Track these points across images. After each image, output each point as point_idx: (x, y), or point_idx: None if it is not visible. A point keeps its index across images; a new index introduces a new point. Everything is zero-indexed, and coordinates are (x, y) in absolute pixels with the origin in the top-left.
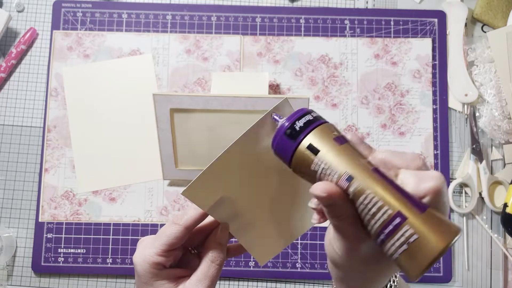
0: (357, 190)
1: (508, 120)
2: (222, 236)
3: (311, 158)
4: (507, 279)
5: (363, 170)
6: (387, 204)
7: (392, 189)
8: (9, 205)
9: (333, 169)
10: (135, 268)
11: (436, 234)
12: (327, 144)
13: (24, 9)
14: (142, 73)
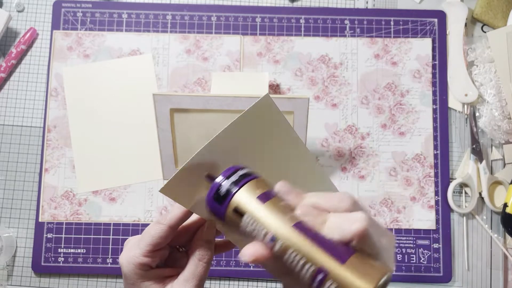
0: (281, 249)
1: (508, 120)
2: (208, 233)
3: (239, 220)
4: (507, 279)
5: (285, 227)
6: (309, 260)
7: (313, 244)
8: (9, 205)
9: (258, 229)
10: (122, 269)
11: (360, 280)
12: (251, 205)
13: (24, 9)
14: (142, 73)
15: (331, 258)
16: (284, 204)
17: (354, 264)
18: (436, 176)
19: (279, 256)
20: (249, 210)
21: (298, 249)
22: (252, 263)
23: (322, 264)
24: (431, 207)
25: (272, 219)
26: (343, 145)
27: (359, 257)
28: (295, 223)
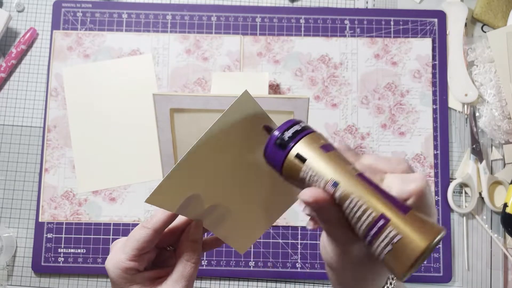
0: (343, 195)
1: (508, 120)
2: (195, 232)
3: (300, 166)
4: (507, 279)
5: (348, 175)
6: (371, 207)
7: (376, 192)
8: (9, 205)
9: (320, 175)
10: (108, 274)
11: (418, 234)
12: (314, 153)
13: (24, 9)
14: (142, 73)
15: (393, 208)
16: (344, 158)
17: (414, 217)
18: (436, 176)
19: (339, 202)
20: (312, 156)
21: (361, 195)
22: (311, 205)
23: (384, 211)
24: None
25: (335, 166)
26: None
27: (417, 213)
28: (358, 173)
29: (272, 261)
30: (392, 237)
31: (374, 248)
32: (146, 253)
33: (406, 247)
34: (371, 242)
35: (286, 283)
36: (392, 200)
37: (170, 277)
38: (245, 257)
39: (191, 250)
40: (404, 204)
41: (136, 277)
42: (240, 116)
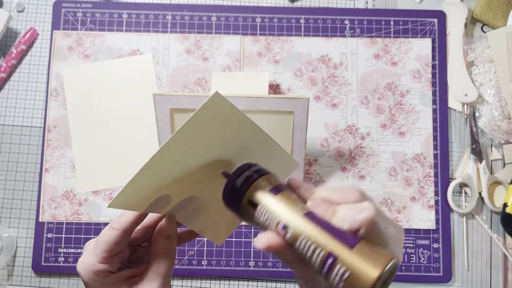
0: (292, 237)
1: (508, 120)
2: (168, 228)
3: (253, 211)
4: (507, 279)
5: (296, 217)
6: (319, 246)
7: (323, 230)
8: (9, 205)
9: (271, 219)
10: (80, 277)
11: (367, 265)
12: (264, 197)
13: (24, 9)
14: (142, 73)
15: (340, 244)
16: (295, 197)
17: (363, 249)
18: (436, 176)
19: (291, 243)
20: (262, 201)
21: (309, 236)
22: (266, 251)
23: (332, 249)
24: (431, 207)
25: (284, 209)
26: (343, 145)
27: (367, 244)
28: (306, 213)
29: (272, 261)
30: (342, 274)
31: (331, 284)
32: (117, 253)
33: (357, 280)
34: (327, 279)
35: (286, 283)
36: (340, 235)
37: (145, 276)
38: (245, 257)
39: (165, 246)
40: (353, 237)
41: (109, 278)
42: (212, 116)
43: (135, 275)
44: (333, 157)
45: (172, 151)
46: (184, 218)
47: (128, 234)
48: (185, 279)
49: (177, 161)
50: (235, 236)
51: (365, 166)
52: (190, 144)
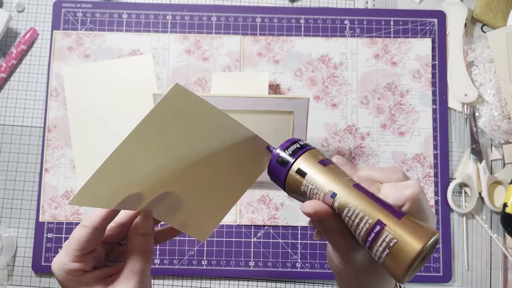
0: (341, 205)
1: (507, 120)
2: (144, 225)
3: (301, 180)
4: (506, 279)
5: (345, 186)
6: (367, 214)
7: (371, 201)
8: (9, 205)
9: (319, 188)
10: (55, 277)
11: (413, 237)
12: (313, 167)
13: (25, 9)
14: (142, 73)
15: (388, 214)
16: (341, 171)
17: (408, 222)
18: (436, 176)
19: (338, 211)
20: (311, 170)
21: (357, 204)
22: (312, 217)
23: (380, 217)
24: (431, 207)
25: (333, 179)
26: (343, 145)
27: (411, 218)
28: (354, 184)
29: (272, 261)
30: (389, 241)
31: (374, 253)
32: (91, 252)
33: (402, 250)
34: (370, 248)
35: (286, 283)
36: (387, 207)
37: (121, 274)
38: (245, 257)
39: (140, 244)
40: (399, 210)
41: (84, 278)
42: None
43: (113, 274)
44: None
45: (132, 146)
46: (162, 215)
47: (100, 232)
48: (185, 279)
49: (142, 156)
50: (235, 236)
51: (365, 166)
52: (155, 139)
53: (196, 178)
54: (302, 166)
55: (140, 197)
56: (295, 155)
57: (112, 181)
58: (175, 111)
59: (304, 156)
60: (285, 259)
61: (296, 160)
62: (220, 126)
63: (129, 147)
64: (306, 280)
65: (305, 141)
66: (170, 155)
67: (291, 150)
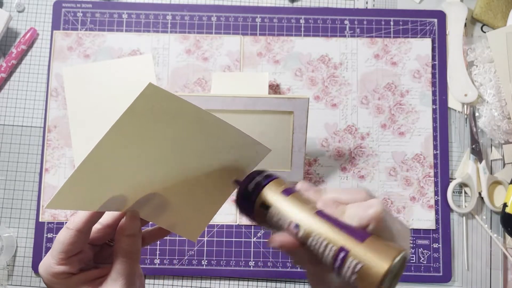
0: (305, 235)
1: (507, 120)
2: (130, 226)
3: (266, 213)
4: (506, 279)
5: (307, 215)
6: (331, 242)
7: (334, 227)
8: (9, 205)
9: (284, 220)
10: (42, 280)
11: (378, 258)
12: (276, 199)
13: (25, 9)
14: (142, 73)
15: (351, 238)
16: (305, 198)
17: (373, 243)
18: (436, 176)
19: (303, 241)
20: (274, 202)
21: (320, 233)
22: (279, 250)
23: (343, 243)
24: (431, 207)
25: (295, 209)
26: (343, 145)
27: (376, 238)
28: (316, 211)
29: (272, 261)
30: (354, 266)
31: (344, 278)
32: (77, 254)
33: (369, 272)
34: (339, 273)
35: (286, 283)
36: (350, 231)
37: (108, 276)
38: (245, 257)
39: (127, 245)
40: (363, 232)
41: (70, 280)
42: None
43: (101, 276)
44: (333, 157)
45: (108, 147)
46: (149, 215)
47: (84, 234)
48: (185, 279)
49: (121, 157)
50: (235, 236)
51: (365, 166)
52: (133, 139)
53: (181, 178)
54: (265, 199)
55: (123, 199)
56: (258, 189)
57: (91, 183)
58: (152, 111)
59: (267, 189)
60: (285, 259)
61: (260, 193)
62: (203, 125)
63: (106, 148)
64: (306, 280)
65: (268, 171)
66: (151, 156)
67: (254, 184)
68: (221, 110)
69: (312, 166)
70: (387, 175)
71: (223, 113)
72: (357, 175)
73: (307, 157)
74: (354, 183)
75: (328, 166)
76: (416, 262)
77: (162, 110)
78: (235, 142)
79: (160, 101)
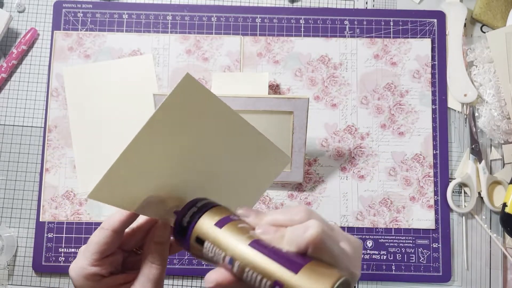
0: (240, 270)
1: (507, 120)
2: (161, 234)
3: (201, 249)
4: (506, 279)
5: (241, 248)
6: (265, 276)
7: (268, 259)
8: (10, 205)
9: (218, 254)
10: (72, 282)
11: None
12: (209, 233)
13: (25, 9)
14: (143, 74)
15: (285, 270)
16: (242, 226)
17: (308, 272)
18: (436, 176)
19: (239, 276)
20: (208, 236)
21: (254, 266)
22: None
23: (277, 277)
24: (431, 207)
25: (229, 242)
26: (343, 145)
27: (314, 265)
28: (251, 242)
29: None
30: None
31: None
32: (109, 256)
33: None
34: None
35: None
36: (285, 261)
37: (136, 281)
38: None
39: (156, 253)
40: (300, 259)
41: (101, 283)
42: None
43: (128, 281)
44: (333, 157)
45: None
46: None
47: (119, 234)
48: (185, 279)
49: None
50: None
51: (365, 166)
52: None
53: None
54: (199, 233)
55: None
56: (192, 222)
57: (127, 179)
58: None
59: (201, 222)
60: None
61: (193, 228)
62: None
63: (142, 144)
64: None
65: (206, 199)
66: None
67: (188, 217)
68: None
69: (312, 166)
70: (387, 175)
71: None
72: (357, 175)
73: (307, 157)
74: (353, 183)
75: (328, 166)
76: (415, 262)
77: (196, 104)
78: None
79: (195, 94)
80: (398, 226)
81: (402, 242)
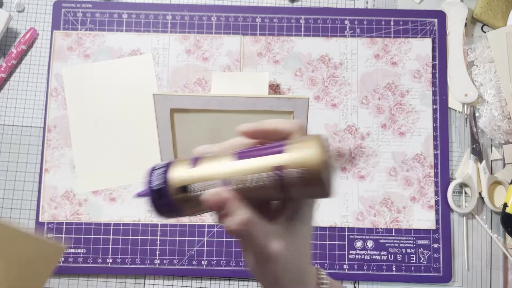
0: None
1: (508, 120)
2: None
3: (188, 195)
4: (507, 279)
5: (227, 166)
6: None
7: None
8: (9, 205)
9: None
10: None
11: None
12: (188, 175)
13: (25, 9)
14: (142, 73)
15: (274, 156)
16: (211, 155)
17: (293, 146)
18: (436, 176)
19: (239, 189)
20: (188, 179)
21: (249, 170)
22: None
23: (274, 163)
24: (431, 207)
25: (213, 169)
26: (343, 145)
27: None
28: (231, 157)
29: None
30: (293, 173)
31: (294, 194)
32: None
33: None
34: (288, 193)
35: None
36: (270, 148)
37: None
38: None
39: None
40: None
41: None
42: None
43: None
44: (333, 157)
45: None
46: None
47: None
48: (185, 279)
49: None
50: (235, 236)
51: (365, 166)
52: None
53: None
54: (177, 182)
55: None
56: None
57: None
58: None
59: (172, 175)
60: None
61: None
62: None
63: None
64: None
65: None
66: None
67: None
68: (221, 110)
69: None
70: (387, 175)
71: (223, 113)
72: (357, 175)
73: None
74: (354, 183)
75: None
76: (416, 262)
77: None
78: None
79: None
80: (399, 226)
81: (402, 242)
